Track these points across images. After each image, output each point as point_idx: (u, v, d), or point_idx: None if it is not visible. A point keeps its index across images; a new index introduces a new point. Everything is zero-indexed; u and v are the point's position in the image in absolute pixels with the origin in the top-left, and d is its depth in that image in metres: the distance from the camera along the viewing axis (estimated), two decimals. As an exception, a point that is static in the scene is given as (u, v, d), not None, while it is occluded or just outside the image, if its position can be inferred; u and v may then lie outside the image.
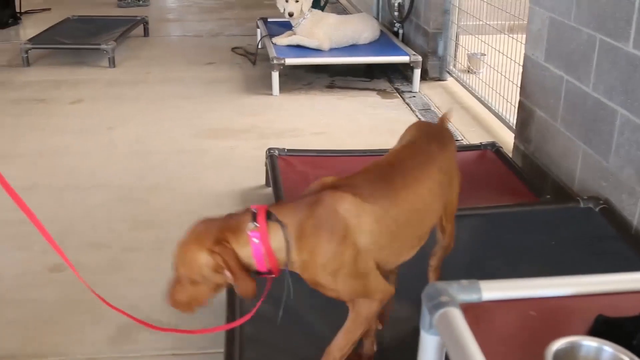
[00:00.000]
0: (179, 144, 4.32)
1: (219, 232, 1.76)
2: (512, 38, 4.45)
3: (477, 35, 5.25)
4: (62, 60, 6.14)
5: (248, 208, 1.82)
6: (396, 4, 6.32)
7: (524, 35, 3.82)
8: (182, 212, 3.45)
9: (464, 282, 1.29)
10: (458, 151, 3.82)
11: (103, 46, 5.90)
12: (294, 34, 5.71)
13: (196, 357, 2.45)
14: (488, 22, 5.06)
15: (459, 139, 4.45)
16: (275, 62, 5.21)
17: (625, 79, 2.79)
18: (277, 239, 1.75)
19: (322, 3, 7.30)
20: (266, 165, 3.61)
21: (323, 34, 5.59)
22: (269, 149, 3.63)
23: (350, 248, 1.78)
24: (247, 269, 1.76)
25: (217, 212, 3.37)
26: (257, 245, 1.74)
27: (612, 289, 1.31)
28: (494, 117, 4.67)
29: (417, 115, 4.89)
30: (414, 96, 5.33)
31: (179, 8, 8.99)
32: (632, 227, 2.76)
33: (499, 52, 4.65)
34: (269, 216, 1.77)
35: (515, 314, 1.26)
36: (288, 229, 1.76)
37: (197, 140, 4.37)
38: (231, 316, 2.22)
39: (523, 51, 3.85)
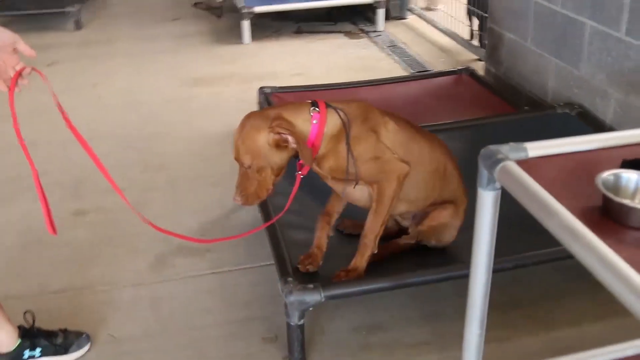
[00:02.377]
0: (166, 94, 4.47)
1: (275, 113, 2.00)
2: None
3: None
4: (25, 27, 6.11)
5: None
6: (351, -51, 6.49)
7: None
8: (186, 153, 3.65)
9: (512, 143, 1.54)
10: (435, 77, 4.13)
11: (69, 9, 5.93)
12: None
13: (234, 273, 2.68)
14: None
15: (428, 69, 4.71)
16: (245, 11, 5.36)
17: (592, -8, 3.08)
18: (332, 123, 2.03)
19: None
20: (259, 102, 3.81)
21: (285, -19, 5.74)
22: (262, 87, 3.83)
23: (378, 137, 2.10)
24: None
25: (220, 151, 3.61)
26: (315, 126, 2.01)
27: (628, 142, 1.59)
28: (459, 46, 4.96)
29: (386, 52, 5.13)
30: (380, 35, 5.56)
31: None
32: (607, 125, 3.08)
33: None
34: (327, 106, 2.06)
35: (557, 165, 1.52)
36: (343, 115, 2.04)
37: (182, 89, 4.54)
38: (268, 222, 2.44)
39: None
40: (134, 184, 3.38)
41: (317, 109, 2.03)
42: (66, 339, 2.27)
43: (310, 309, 2.08)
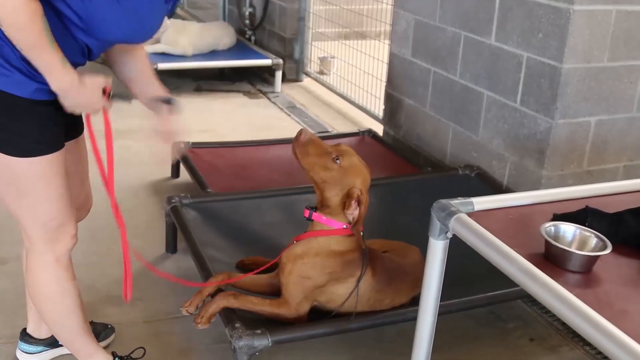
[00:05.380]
0: (73, 146, 4.45)
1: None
2: (346, 44, 5.11)
3: (326, 41, 5.90)
4: None
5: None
6: (247, 13, 6.76)
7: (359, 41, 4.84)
8: (102, 204, 3.62)
9: (460, 198, 1.76)
10: (339, 137, 4.37)
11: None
12: (158, 42, 5.97)
13: (167, 322, 2.74)
14: (329, 29, 5.70)
15: (329, 130, 4.98)
16: (147, 67, 5.44)
17: (489, 67, 3.44)
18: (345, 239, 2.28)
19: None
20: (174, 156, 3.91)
21: (186, 41, 5.91)
22: (176, 142, 3.92)
23: (327, 281, 2.28)
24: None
25: (137, 203, 3.66)
26: (342, 227, 2.26)
27: (557, 199, 1.86)
28: (354, 109, 5.28)
29: (286, 113, 5.36)
30: (278, 96, 5.80)
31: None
32: (504, 185, 3.41)
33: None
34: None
35: (499, 218, 1.76)
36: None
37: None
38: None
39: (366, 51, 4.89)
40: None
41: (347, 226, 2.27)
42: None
43: (257, 353, 2.19)
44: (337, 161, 2.22)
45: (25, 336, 2.47)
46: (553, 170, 3.16)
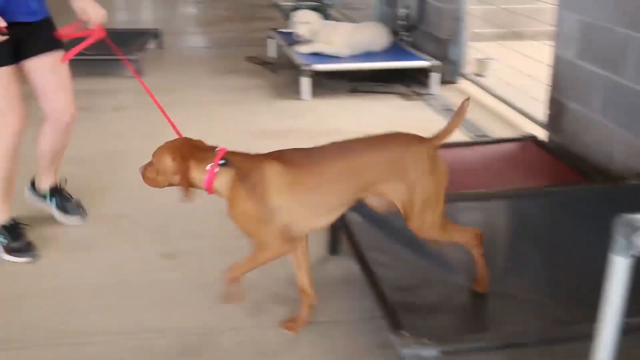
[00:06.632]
0: (239, 144, 4.59)
1: (188, 152, 2.47)
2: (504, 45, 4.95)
3: (481, 41, 5.79)
4: (85, 71, 6.28)
5: (214, 147, 2.53)
6: (401, 14, 6.75)
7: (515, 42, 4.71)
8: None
9: (641, 214, 1.66)
10: (501, 143, 4.27)
11: (130, 56, 6.13)
12: (313, 42, 6.10)
13: (328, 325, 2.76)
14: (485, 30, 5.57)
15: (488, 134, 4.88)
16: (305, 68, 5.58)
17: (668, 72, 3.25)
18: (222, 179, 2.45)
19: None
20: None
21: (341, 41, 5.98)
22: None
23: (261, 205, 2.40)
24: (193, 184, 2.49)
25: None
26: (208, 177, 2.46)
27: None
28: (513, 112, 5.14)
29: (444, 116, 5.30)
30: (434, 98, 5.74)
31: (177, 21, 9.27)
32: (681, 199, 3.21)
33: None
34: (226, 161, 2.47)
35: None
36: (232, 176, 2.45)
37: (253, 141, 4.70)
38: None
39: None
40: (220, 230, 3.47)
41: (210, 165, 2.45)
42: (75, 207, 3.52)
43: (422, 364, 2.18)
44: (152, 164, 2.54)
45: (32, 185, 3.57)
46: None
